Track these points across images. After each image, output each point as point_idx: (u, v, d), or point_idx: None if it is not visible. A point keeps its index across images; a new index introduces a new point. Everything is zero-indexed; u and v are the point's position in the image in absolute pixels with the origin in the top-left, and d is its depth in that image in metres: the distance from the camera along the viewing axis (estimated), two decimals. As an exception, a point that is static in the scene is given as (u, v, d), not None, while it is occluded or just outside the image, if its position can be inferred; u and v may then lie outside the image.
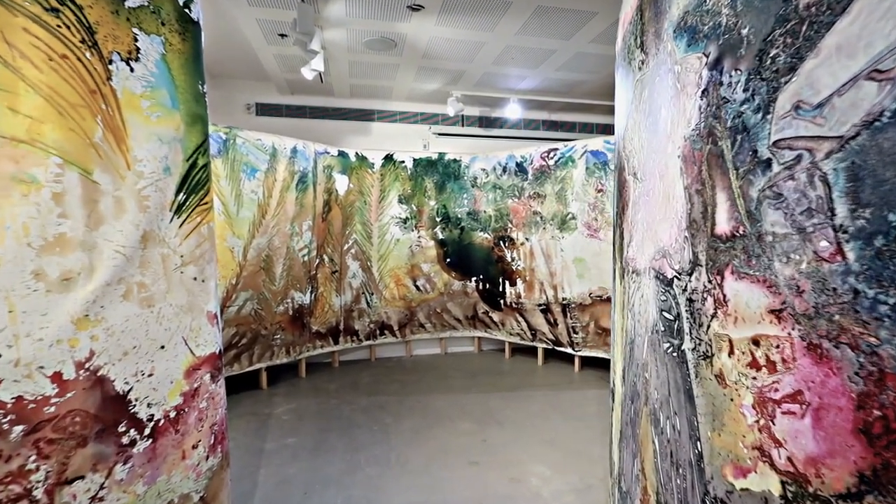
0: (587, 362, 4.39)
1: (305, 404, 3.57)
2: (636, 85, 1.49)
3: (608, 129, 5.31)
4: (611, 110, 5.09)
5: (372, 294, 4.66)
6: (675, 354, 1.14)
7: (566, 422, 3.15)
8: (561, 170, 4.28)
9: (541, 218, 4.41)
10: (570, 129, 5.27)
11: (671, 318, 1.15)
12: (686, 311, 1.08)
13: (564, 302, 4.27)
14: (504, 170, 4.67)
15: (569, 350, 4.30)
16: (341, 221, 4.50)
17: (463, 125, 5.13)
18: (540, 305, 4.45)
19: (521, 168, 4.55)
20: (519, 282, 4.60)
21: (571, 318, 4.24)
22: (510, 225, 4.64)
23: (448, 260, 4.88)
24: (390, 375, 4.29)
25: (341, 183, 4.47)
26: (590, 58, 3.71)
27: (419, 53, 3.68)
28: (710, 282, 0.98)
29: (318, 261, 4.33)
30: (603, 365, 4.31)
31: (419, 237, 4.79)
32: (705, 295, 1.00)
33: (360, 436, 3.00)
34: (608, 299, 4.01)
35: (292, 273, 4.05)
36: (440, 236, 4.85)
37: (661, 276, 1.21)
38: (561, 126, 5.25)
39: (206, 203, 1.56)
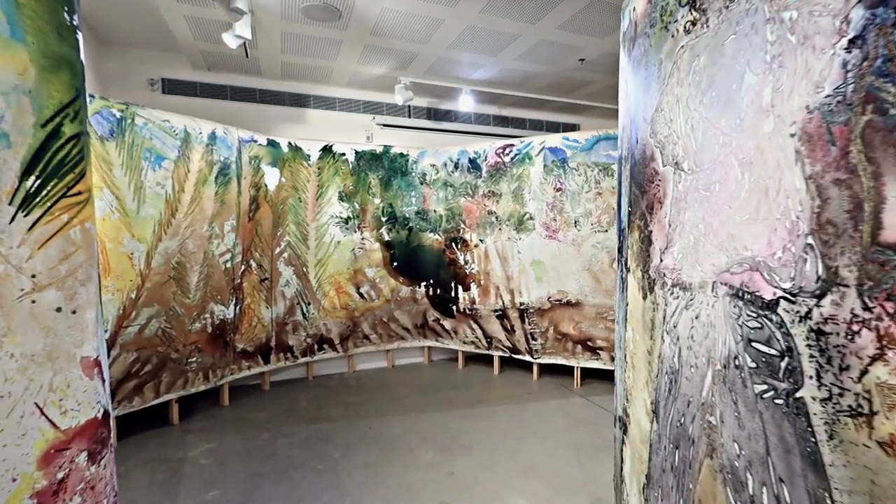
0: (545, 369, 4.20)
1: (230, 441, 2.96)
2: (677, 54, 1.20)
3: (557, 128, 5.21)
4: (562, 107, 4.98)
5: (309, 304, 4.09)
6: (779, 402, 0.85)
7: (538, 441, 2.88)
8: (517, 167, 4.04)
9: (496, 218, 4.14)
10: (520, 125, 5.07)
11: (773, 353, 0.87)
12: (810, 347, 0.79)
13: (522, 307, 4.04)
14: (456, 166, 4.33)
15: (527, 358, 4.07)
16: (272, 221, 3.88)
17: (410, 116, 4.72)
18: (496, 311, 4.18)
19: (474, 165, 4.25)
20: (473, 286, 4.29)
21: (530, 324, 4.01)
22: (463, 225, 4.32)
23: (395, 264, 4.44)
24: (333, 396, 3.77)
25: (271, 177, 3.85)
26: (552, 47, 3.49)
27: (367, 28, 3.22)
28: (866, 309, 0.69)
29: (243, 267, 3.68)
30: (561, 372, 4.14)
31: (363, 239, 4.30)
32: (855, 327, 0.71)
33: (303, 479, 2.48)
34: (568, 303, 3.83)
35: (211, 283, 3.37)
36: (386, 238, 4.40)
37: (746, 296, 0.92)
38: (511, 122, 5.04)
39: (77, 194, 1.02)
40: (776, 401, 0.86)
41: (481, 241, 4.23)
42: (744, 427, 0.93)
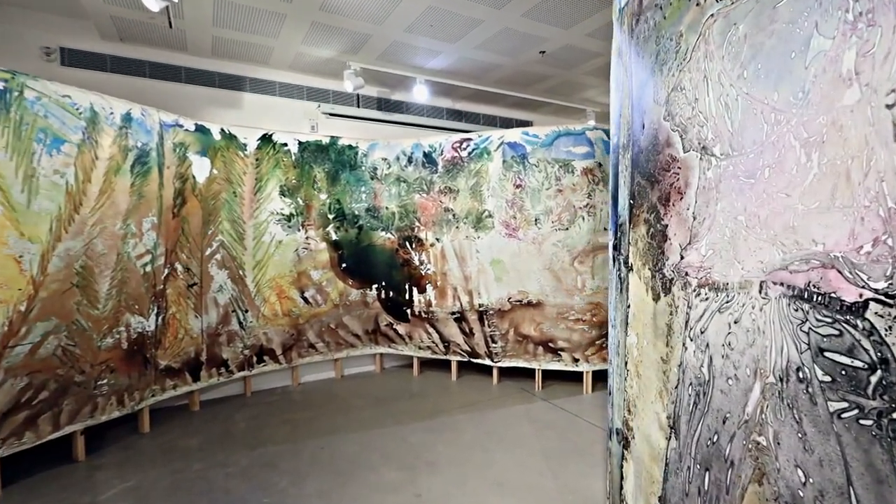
0: (504, 373, 4.08)
1: (152, 477, 2.50)
2: (705, 24, 1.06)
3: (510, 124, 5.13)
4: (516, 103, 4.89)
5: (246, 311, 3.65)
6: (867, 423, 0.72)
7: (507, 451, 2.72)
8: (475, 162, 3.87)
9: (453, 216, 3.95)
10: (474, 120, 4.93)
11: (859, 365, 0.73)
12: (920, 359, 0.66)
13: (481, 309, 3.88)
14: (410, 160, 4.09)
15: (487, 361, 3.92)
16: (201, 218, 3.40)
17: (359, 106, 4.40)
18: (453, 314, 3.99)
19: (429, 159, 4.03)
20: (429, 288, 4.07)
21: (489, 326, 3.87)
22: (418, 223, 4.09)
23: (344, 265, 4.11)
24: (276, 414, 3.37)
25: (201, 167, 3.38)
26: (515, 37, 3.36)
27: (315, 1, 2.88)
28: None
29: (167, 271, 3.18)
30: (521, 374, 4.04)
31: (307, 238, 3.92)
32: None
33: (246, 518, 2.13)
34: (529, 304, 3.73)
35: (127, 290, 2.86)
36: (334, 237, 4.05)
37: (817, 298, 0.79)
38: (465, 116, 4.88)
39: None
40: (862, 421, 0.73)
41: (437, 239, 4.02)
42: (812, 451, 0.80)
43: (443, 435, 2.96)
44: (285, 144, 3.80)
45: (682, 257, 1.15)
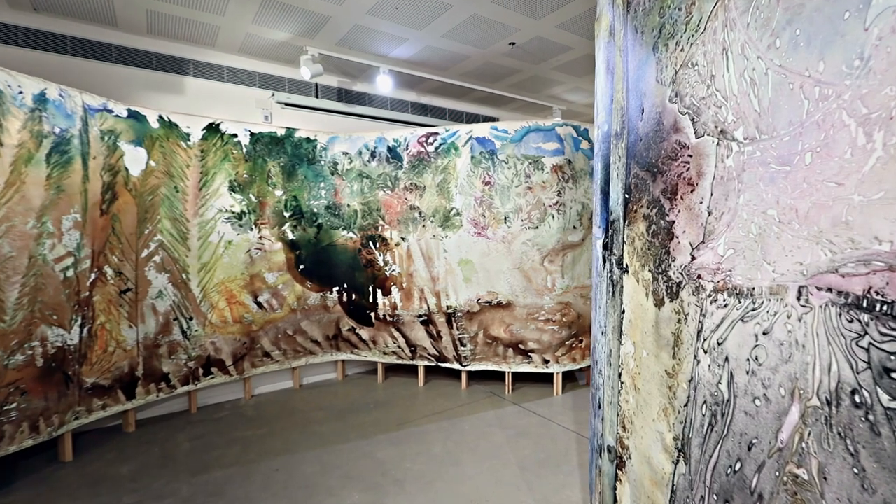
0: (473, 376, 3.92)
1: (74, 517, 2.15)
2: (722, -11, 0.93)
3: (476, 119, 4.99)
4: (483, 98, 4.74)
5: (190, 319, 3.29)
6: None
7: (479, 463, 2.55)
8: (443, 158, 3.69)
9: (419, 214, 3.75)
10: (439, 115, 4.74)
11: (942, 389, 0.60)
12: None
13: (449, 311, 3.70)
14: (373, 155, 3.85)
15: (455, 366, 3.75)
16: (136, 216, 3.02)
17: (318, 96, 4.11)
18: (420, 316, 3.79)
19: (394, 154, 3.80)
20: (394, 290, 3.85)
21: (458, 329, 3.70)
22: (382, 222, 3.85)
23: (301, 267, 3.81)
24: (225, 432, 3.04)
25: (135, 159, 3.00)
26: (484, 25, 3.19)
27: (266, -24, 2.60)
28: None
29: (93, 276, 2.79)
30: (490, 378, 3.90)
31: (261, 238, 3.60)
32: None
33: (186, 561, 1.84)
34: (499, 305, 3.59)
35: (42, 298, 2.47)
36: (290, 236, 3.75)
37: (880, 307, 0.66)
38: (431, 111, 4.68)
39: None
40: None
41: (403, 239, 3.80)
42: (873, 490, 0.67)
43: (411, 448, 2.75)
44: (235, 135, 3.47)
45: (693, 258, 1.01)
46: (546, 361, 3.58)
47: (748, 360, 0.88)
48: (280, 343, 3.74)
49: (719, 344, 0.95)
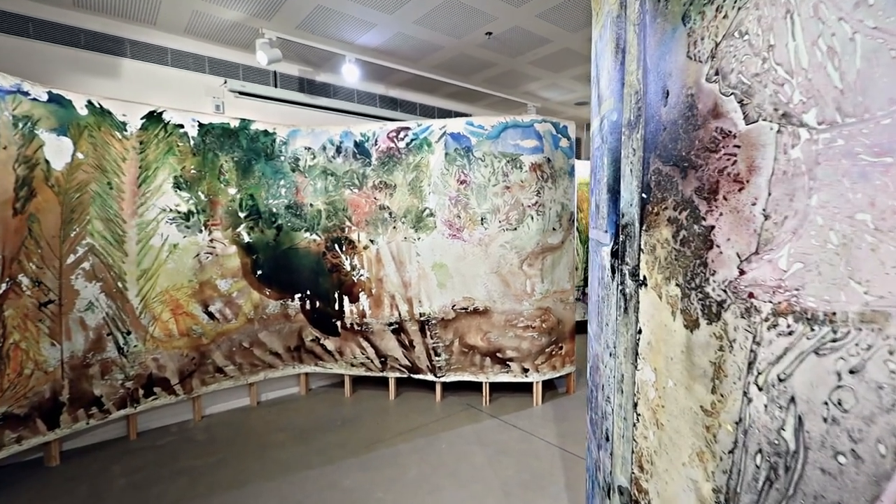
0: (448, 387, 3.70)
1: (-29, 583, 1.76)
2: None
3: (448, 116, 4.75)
4: (455, 93, 4.51)
5: (128, 333, 2.90)
6: None
7: (460, 489, 2.33)
8: (415, 154, 3.44)
9: (390, 214, 3.49)
10: (409, 110, 4.49)
11: None
12: None
13: (423, 318, 3.46)
14: (338, 150, 3.55)
15: (429, 377, 3.51)
16: (60, 216, 2.61)
17: (277, 85, 3.76)
18: (391, 325, 3.53)
19: (361, 150, 3.52)
20: (362, 296, 3.57)
21: (432, 338, 3.46)
22: (348, 223, 3.57)
23: (259, 272, 3.47)
24: (169, 461, 2.68)
25: (58, 150, 2.59)
26: (460, 11, 2.97)
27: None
28: None
29: (4, 287, 2.37)
30: (466, 388, 3.69)
31: (212, 241, 3.24)
32: None
33: None
34: (475, 311, 3.39)
35: (-67, 316, 2.05)
36: (246, 239, 3.40)
37: None
38: (400, 105, 4.42)
39: None
40: None
41: (372, 241, 3.53)
42: None
43: (382, 473, 2.50)
44: (181, 126, 3.09)
45: (741, 272, 0.82)
46: (525, 370, 3.41)
47: (826, 403, 0.69)
48: (235, 357, 3.39)
49: (781, 380, 0.76)
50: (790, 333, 0.74)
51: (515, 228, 3.31)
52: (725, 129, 0.85)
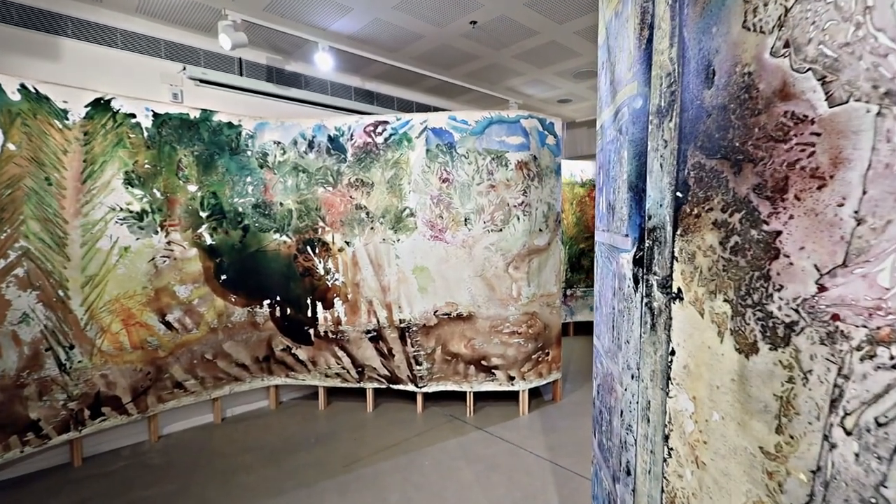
0: (430, 398, 3.51)
1: None
2: None
3: (427, 111, 4.55)
4: (435, 88, 4.30)
5: (71, 348, 2.57)
6: None
7: (446, 513, 2.15)
8: (394, 150, 3.23)
9: (367, 214, 3.27)
10: (387, 104, 4.27)
11: None
12: None
13: (402, 325, 3.26)
14: (311, 145, 3.30)
15: (410, 387, 3.31)
16: (-13, 215, 2.28)
17: (243, 74, 3.48)
18: (368, 332, 3.31)
19: (336, 145, 3.29)
20: (337, 302, 3.34)
21: (412, 346, 3.27)
22: (322, 223, 3.32)
23: (223, 277, 3.18)
24: (119, 492, 2.38)
25: (-17, 138, 2.25)
26: (440, -1, 2.79)
27: None
28: None
29: (-86, 299, 2.03)
30: (449, 397, 3.50)
31: (170, 243, 2.94)
32: None
33: None
34: (459, 317, 3.21)
35: None
36: (209, 241, 3.11)
37: None
38: (377, 99, 4.19)
39: None
40: None
41: (347, 243, 3.30)
42: None
43: (362, 497, 2.28)
44: (132, 115, 2.78)
45: (821, 288, 0.67)
46: (511, 378, 3.25)
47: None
48: (196, 370, 3.09)
49: (881, 425, 0.61)
50: (894, 367, 0.59)
51: (501, 229, 3.15)
52: (799, 113, 0.69)
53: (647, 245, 1.01)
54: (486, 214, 3.14)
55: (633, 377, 1.08)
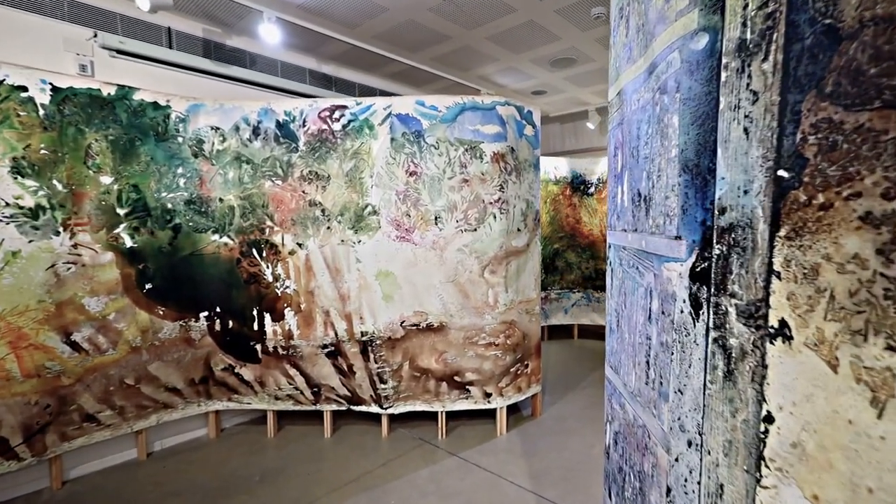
0: (396, 418, 3.12)
1: None
2: None
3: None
4: (399, 73, 3.88)
5: (-63, 381, 2.02)
6: None
7: (417, 573, 1.77)
8: (353, 139, 2.83)
9: (322, 212, 2.85)
10: (347, 89, 3.83)
11: None
12: None
13: (365, 338, 2.86)
14: (256, 132, 2.84)
15: (374, 409, 2.91)
16: None
17: (172, 46, 2.96)
18: (325, 347, 2.89)
19: (286, 132, 2.84)
20: (289, 313, 2.89)
21: (377, 362, 2.87)
22: (270, 222, 2.87)
23: (149, 286, 2.68)
24: (-2, 566, 1.86)
25: None
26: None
27: None
28: None
29: None
30: (417, 417, 3.13)
31: (75, 246, 2.42)
32: None
33: None
34: (429, 328, 2.84)
35: None
36: (129, 243, 2.60)
37: None
38: (335, 84, 3.75)
39: None
40: None
41: (300, 245, 2.86)
42: None
43: (314, 555, 1.87)
44: (23, 89, 2.24)
45: None
46: (488, 395, 2.92)
47: None
48: (113, 398, 2.57)
49: None
50: None
51: (475, 229, 2.80)
52: None
53: (717, 252, 0.68)
54: (458, 212, 2.79)
55: (690, 444, 0.75)
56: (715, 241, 0.69)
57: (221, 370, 2.93)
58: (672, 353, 0.78)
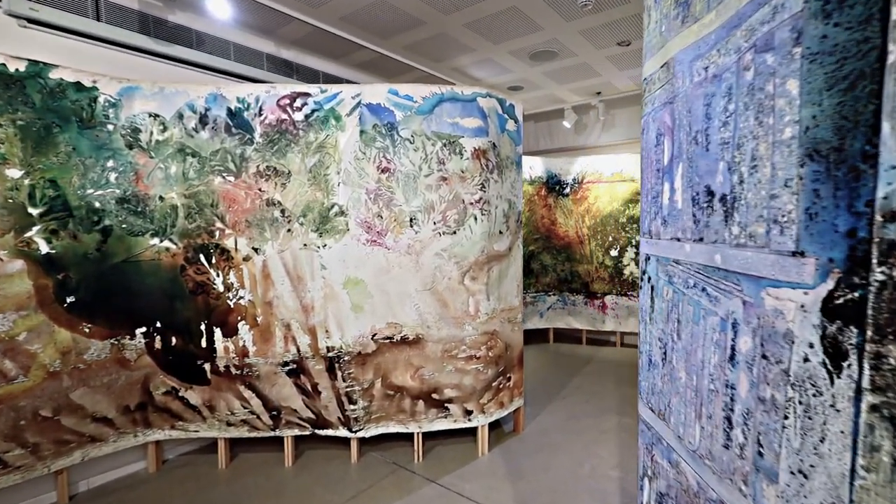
0: (366, 441, 2.83)
1: None
2: None
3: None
4: (369, 62, 3.54)
5: None
6: None
7: None
8: (317, 131, 2.51)
9: (282, 213, 2.52)
10: (310, 78, 3.49)
11: None
12: None
13: (331, 354, 2.55)
14: (203, 121, 2.48)
15: (342, 432, 2.61)
16: None
17: (99, 18, 2.54)
18: (286, 365, 2.56)
19: (239, 121, 2.49)
20: (243, 327, 2.54)
21: (345, 379, 2.57)
22: (221, 224, 2.51)
23: (70, 299, 2.26)
24: None
25: None
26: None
27: None
28: None
29: None
30: (390, 439, 2.85)
31: (-24, 252, 1.98)
32: None
33: None
34: (404, 341, 2.57)
35: None
36: (44, 249, 2.18)
37: None
38: (298, 71, 3.40)
39: None
40: None
41: (256, 250, 2.52)
42: None
43: None
44: None
45: None
46: (468, 413, 2.67)
47: None
48: (25, 434, 2.14)
49: None
50: None
51: (455, 232, 2.56)
52: None
53: (878, 277, 0.46)
54: (436, 213, 2.53)
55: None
56: (875, 261, 0.46)
57: (163, 394, 2.54)
58: (786, 418, 0.56)
